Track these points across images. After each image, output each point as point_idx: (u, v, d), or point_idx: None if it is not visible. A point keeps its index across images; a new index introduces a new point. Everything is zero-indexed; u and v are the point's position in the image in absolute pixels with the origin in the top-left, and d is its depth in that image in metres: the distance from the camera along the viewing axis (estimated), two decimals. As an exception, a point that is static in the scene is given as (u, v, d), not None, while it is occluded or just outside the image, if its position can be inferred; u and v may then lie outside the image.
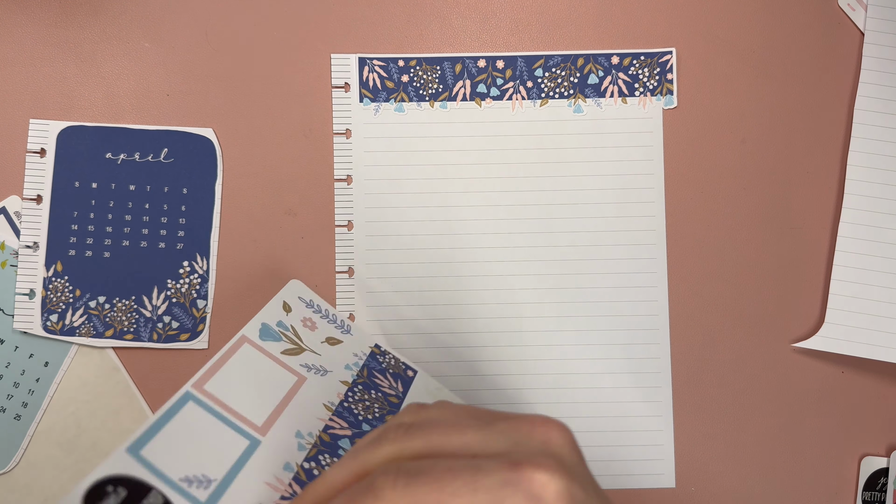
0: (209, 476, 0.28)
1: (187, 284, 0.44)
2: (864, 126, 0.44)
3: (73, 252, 0.43)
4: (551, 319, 0.44)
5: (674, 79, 0.45)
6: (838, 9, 0.45)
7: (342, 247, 0.44)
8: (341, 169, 0.44)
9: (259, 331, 0.36)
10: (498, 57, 0.45)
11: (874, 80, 0.45)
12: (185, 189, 0.44)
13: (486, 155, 0.45)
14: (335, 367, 0.38)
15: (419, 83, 0.45)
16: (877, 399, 0.44)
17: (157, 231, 0.44)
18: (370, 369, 0.40)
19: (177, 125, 0.44)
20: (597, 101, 0.45)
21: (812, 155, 0.45)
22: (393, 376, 0.40)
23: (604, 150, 0.44)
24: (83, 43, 0.45)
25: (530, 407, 0.44)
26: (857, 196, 0.44)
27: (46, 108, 0.44)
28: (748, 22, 0.45)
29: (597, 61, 0.45)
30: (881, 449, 0.44)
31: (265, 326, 0.37)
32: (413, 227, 0.44)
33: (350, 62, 0.45)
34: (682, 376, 0.44)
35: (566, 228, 0.44)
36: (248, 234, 0.44)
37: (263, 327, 0.37)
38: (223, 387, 0.32)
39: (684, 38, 0.45)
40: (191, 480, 0.27)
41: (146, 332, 0.43)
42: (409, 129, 0.45)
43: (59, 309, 0.43)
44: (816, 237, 0.45)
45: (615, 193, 0.44)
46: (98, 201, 0.44)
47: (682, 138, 0.45)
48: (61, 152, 0.44)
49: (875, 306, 0.43)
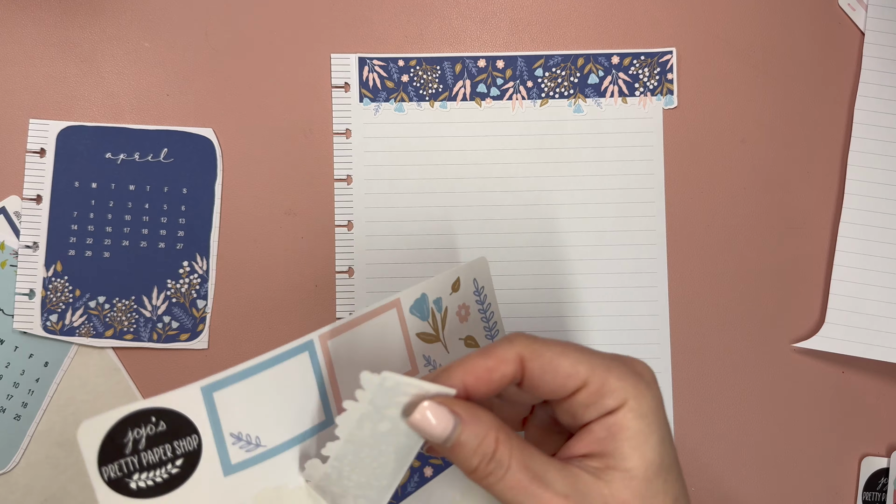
0: (261, 441, 0.27)
1: (187, 284, 0.44)
2: (864, 126, 0.44)
3: (72, 252, 0.43)
4: (552, 319, 0.44)
5: (674, 79, 0.45)
6: (839, 9, 0.45)
7: (342, 247, 0.44)
8: (341, 169, 0.44)
9: (414, 301, 0.32)
10: (498, 57, 0.45)
11: (874, 79, 0.45)
12: (184, 189, 0.44)
13: (486, 155, 0.45)
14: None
15: (419, 83, 0.45)
16: (877, 399, 0.44)
17: (157, 231, 0.44)
18: None
19: (176, 125, 0.44)
20: (597, 101, 0.45)
21: (812, 155, 0.45)
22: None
23: (604, 150, 0.44)
24: (83, 43, 0.45)
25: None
26: (858, 196, 0.44)
27: (46, 107, 0.44)
28: (748, 22, 0.45)
29: (597, 61, 0.45)
30: (881, 449, 0.44)
31: (423, 298, 0.32)
32: (413, 227, 0.44)
33: (350, 62, 0.45)
34: (682, 376, 0.44)
35: (566, 228, 0.44)
36: (247, 233, 0.44)
37: (421, 298, 0.32)
38: (345, 349, 0.29)
39: (684, 37, 0.45)
40: (239, 437, 0.26)
41: (146, 332, 0.43)
42: (409, 129, 0.45)
43: (58, 309, 0.43)
44: (816, 237, 0.45)
45: (615, 193, 0.44)
46: (98, 201, 0.44)
47: (683, 138, 0.45)
48: (61, 152, 0.44)
49: (875, 306, 0.43)
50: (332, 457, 0.26)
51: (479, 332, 0.35)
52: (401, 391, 0.25)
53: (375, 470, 0.26)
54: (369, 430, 0.26)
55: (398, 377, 0.24)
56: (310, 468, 0.28)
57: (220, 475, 0.26)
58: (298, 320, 0.44)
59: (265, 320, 0.44)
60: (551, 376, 0.26)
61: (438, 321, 0.33)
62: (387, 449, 0.26)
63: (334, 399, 0.29)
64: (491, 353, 0.26)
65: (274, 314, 0.44)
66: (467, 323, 0.34)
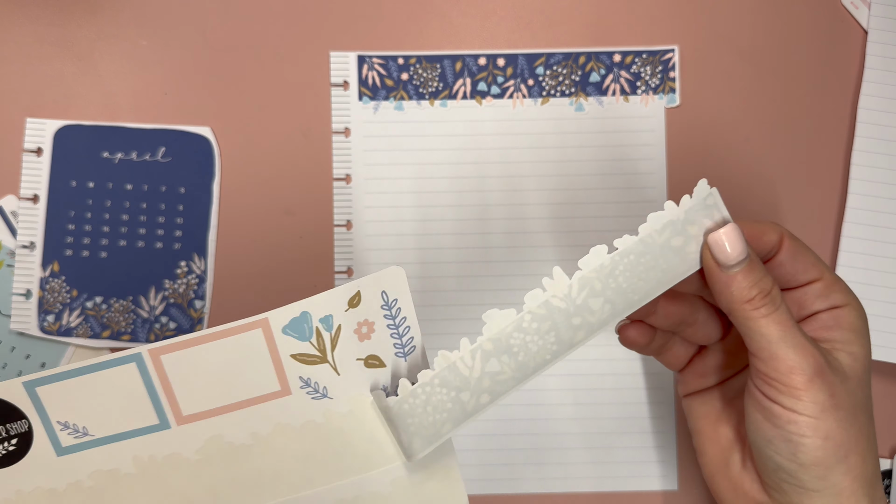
0: (88, 430, 0.31)
1: (185, 285, 0.43)
2: (867, 125, 0.44)
3: (69, 252, 0.43)
4: (552, 320, 0.44)
5: (676, 77, 0.45)
6: (841, 7, 0.45)
7: (341, 246, 0.44)
8: (340, 168, 0.44)
9: (291, 320, 0.30)
10: (499, 55, 0.45)
11: (878, 78, 0.44)
12: (182, 188, 0.44)
13: (487, 153, 0.44)
14: (340, 395, 0.32)
15: (419, 81, 0.44)
16: (877, 399, 0.44)
17: (155, 231, 0.43)
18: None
19: (174, 124, 0.44)
20: (598, 100, 0.44)
21: (815, 153, 0.45)
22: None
23: (605, 149, 0.44)
24: (80, 41, 0.45)
25: (532, 407, 0.43)
26: (861, 195, 0.44)
27: (43, 106, 0.44)
28: (751, 20, 0.45)
29: (598, 59, 0.45)
30: (884, 450, 0.44)
31: (303, 317, 0.30)
32: (413, 227, 0.44)
33: (349, 60, 0.45)
34: (684, 377, 0.44)
35: (567, 228, 0.44)
36: (246, 233, 0.44)
37: (300, 317, 0.30)
38: (186, 364, 0.30)
39: (687, 35, 0.45)
40: (66, 426, 0.30)
41: (143, 332, 0.43)
42: (409, 127, 0.44)
43: (55, 309, 0.43)
44: (820, 236, 0.44)
45: (617, 192, 0.44)
46: (95, 201, 0.43)
47: (685, 137, 0.45)
48: (58, 151, 0.44)
49: (878, 306, 0.43)
50: (619, 250, 0.30)
51: (388, 349, 0.32)
52: (713, 213, 0.30)
53: (638, 281, 0.30)
54: (665, 239, 0.30)
55: (718, 198, 0.30)
56: (402, 388, 0.31)
57: (54, 455, 0.31)
58: (297, 321, 0.44)
59: (264, 321, 0.44)
60: (800, 262, 0.31)
61: (326, 341, 0.31)
62: (662, 264, 0.30)
63: (170, 407, 0.31)
64: (760, 222, 0.32)
65: (273, 314, 0.44)
66: (369, 341, 0.32)
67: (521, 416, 0.43)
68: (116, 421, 0.31)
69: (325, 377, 0.31)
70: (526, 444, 0.43)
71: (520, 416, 0.43)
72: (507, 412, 0.43)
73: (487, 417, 0.42)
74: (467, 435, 0.43)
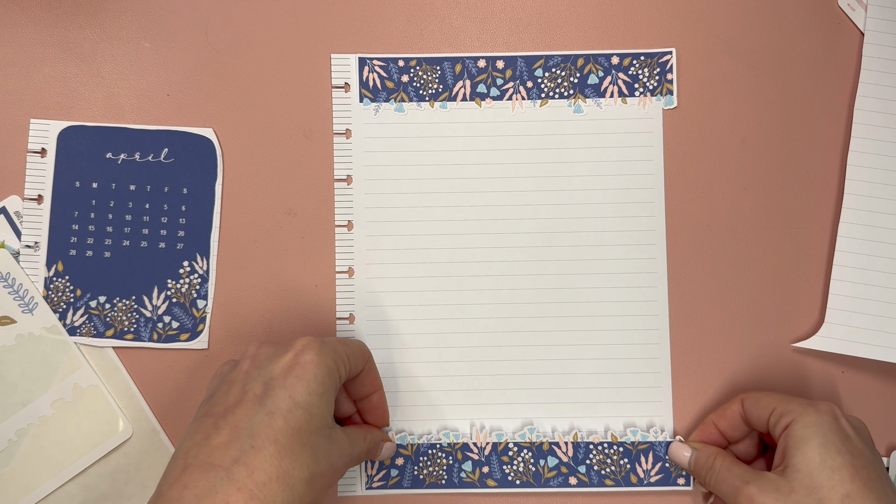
0: None
1: (187, 284, 0.44)
2: (864, 126, 0.44)
3: (73, 252, 0.43)
4: (551, 319, 0.44)
5: (674, 79, 0.45)
6: (838, 9, 0.45)
7: (342, 247, 0.44)
8: (341, 169, 0.45)
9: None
10: (498, 57, 0.45)
11: (874, 80, 0.45)
12: (185, 189, 0.44)
13: (486, 155, 0.45)
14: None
15: (419, 83, 0.45)
16: (877, 399, 0.44)
17: (158, 231, 0.44)
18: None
19: (177, 125, 0.44)
20: (597, 102, 0.45)
21: (812, 155, 0.45)
22: None
23: (604, 151, 0.45)
24: (83, 43, 0.45)
25: (531, 406, 0.44)
26: (858, 196, 0.44)
27: (47, 107, 0.44)
28: (748, 22, 0.45)
29: (597, 61, 0.45)
30: (881, 449, 0.44)
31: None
32: (413, 228, 0.44)
33: (350, 62, 0.45)
34: (682, 376, 0.44)
35: (566, 229, 0.44)
36: (248, 233, 0.44)
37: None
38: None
39: (684, 38, 0.45)
40: None
41: (146, 331, 0.43)
42: (410, 129, 0.45)
43: (59, 309, 0.43)
44: (816, 237, 0.45)
45: (615, 194, 0.44)
46: (98, 201, 0.44)
47: (682, 138, 0.45)
48: (62, 152, 0.44)
49: (875, 306, 0.43)
50: None
51: (12, 309, 0.40)
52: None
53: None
54: None
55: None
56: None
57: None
58: (298, 320, 0.44)
59: (265, 320, 0.44)
60: (757, 409, 0.39)
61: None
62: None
63: None
64: (723, 408, 0.41)
65: (274, 314, 0.44)
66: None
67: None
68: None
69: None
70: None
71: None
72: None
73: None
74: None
